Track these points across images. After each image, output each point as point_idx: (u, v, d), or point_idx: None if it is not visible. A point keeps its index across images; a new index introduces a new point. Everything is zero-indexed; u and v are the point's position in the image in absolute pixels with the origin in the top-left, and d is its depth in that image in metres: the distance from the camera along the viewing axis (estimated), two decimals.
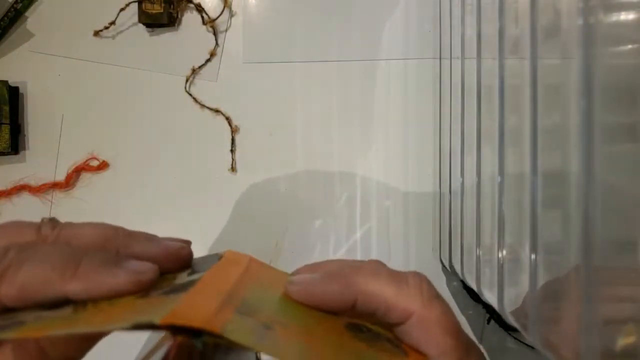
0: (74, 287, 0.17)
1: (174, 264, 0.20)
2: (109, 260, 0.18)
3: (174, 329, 0.15)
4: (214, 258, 0.22)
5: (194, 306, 0.16)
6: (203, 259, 0.22)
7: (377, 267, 0.21)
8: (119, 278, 0.17)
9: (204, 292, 0.17)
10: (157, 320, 0.15)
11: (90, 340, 0.18)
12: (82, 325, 0.16)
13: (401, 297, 0.20)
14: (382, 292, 0.20)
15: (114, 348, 0.18)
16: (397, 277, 0.21)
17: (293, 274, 0.22)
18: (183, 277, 0.19)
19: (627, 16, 0.19)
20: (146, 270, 0.18)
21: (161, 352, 0.15)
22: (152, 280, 0.18)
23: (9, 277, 0.17)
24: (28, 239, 0.19)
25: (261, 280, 0.21)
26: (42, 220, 0.20)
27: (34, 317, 0.16)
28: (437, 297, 0.21)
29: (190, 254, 0.21)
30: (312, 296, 0.20)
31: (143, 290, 0.18)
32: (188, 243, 0.21)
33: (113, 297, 0.17)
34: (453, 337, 0.20)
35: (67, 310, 0.17)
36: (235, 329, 0.16)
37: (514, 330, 0.45)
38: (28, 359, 0.18)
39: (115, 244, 0.19)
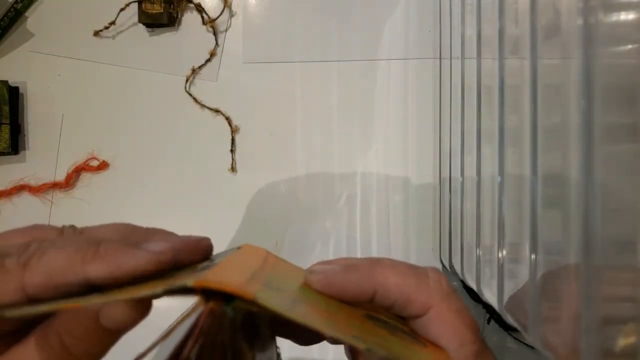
0: (96, 268, 0.17)
1: (193, 254, 0.20)
2: (129, 243, 0.18)
3: (207, 294, 0.15)
4: (233, 250, 0.22)
5: (225, 275, 0.16)
6: (222, 252, 0.22)
7: (396, 261, 0.22)
8: (139, 258, 0.17)
9: (230, 268, 0.18)
10: (191, 282, 0.15)
11: (114, 335, 0.18)
12: (115, 296, 0.16)
13: (421, 290, 0.20)
14: (401, 284, 0.20)
15: (131, 346, 0.18)
16: (417, 271, 0.21)
17: (309, 268, 0.22)
18: (205, 264, 0.20)
19: (627, 16, 0.19)
20: (165, 250, 0.18)
21: (192, 319, 0.16)
22: (172, 259, 0.18)
23: (33, 264, 0.17)
24: (51, 237, 0.19)
25: (279, 270, 0.21)
26: (64, 226, 0.20)
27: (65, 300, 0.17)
28: (455, 292, 0.21)
29: (211, 245, 0.21)
30: (332, 285, 0.20)
31: (163, 268, 0.18)
32: (207, 238, 0.21)
33: (134, 277, 0.17)
34: (471, 332, 0.20)
35: (94, 296, 0.17)
36: (266, 297, 0.16)
37: (514, 330, 0.45)
38: (51, 354, 0.18)
39: (134, 238, 0.20)
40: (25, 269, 0.17)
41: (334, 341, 0.19)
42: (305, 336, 0.23)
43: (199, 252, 0.20)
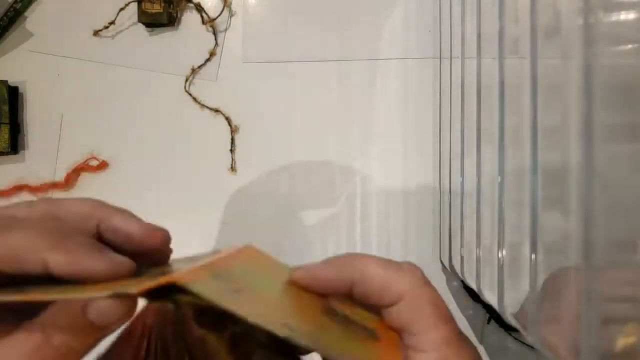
0: (59, 259, 0.18)
1: (149, 242, 0.21)
2: (95, 246, 0.19)
3: (150, 297, 0.16)
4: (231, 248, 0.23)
5: (167, 275, 0.17)
6: (203, 255, 0.23)
7: (374, 255, 0.23)
8: (100, 262, 0.18)
9: (181, 267, 0.19)
10: (134, 290, 0.16)
11: (99, 331, 0.18)
12: (73, 293, 0.17)
13: (396, 279, 0.21)
14: (379, 274, 0.21)
15: None
16: (392, 262, 0.22)
17: (294, 267, 0.23)
18: (166, 268, 0.20)
19: (627, 16, 0.19)
20: (124, 262, 0.19)
21: (140, 321, 0.17)
22: (128, 272, 0.19)
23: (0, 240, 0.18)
24: (22, 213, 0.20)
25: (254, 262, 0.22)
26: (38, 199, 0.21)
27: (33, 289, 0.17)
28: (430, 284, 0.22)
29: (168, 237, 0.22)
30: (315, 278, 0.22)
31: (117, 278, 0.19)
32: (164, 231, 0.22)
33: (89, 278, 0.18)
34: (443, 320, 0.21)
35: (58, 287, 0.18)
36: (201, 286, 0.17)
37: (514, 330, 0.45)
38: (34, 347, 0.18)
39: (99, 215, 0.21)
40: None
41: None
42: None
43: (155, 240, 0.22)
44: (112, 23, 0.51)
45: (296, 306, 0.21)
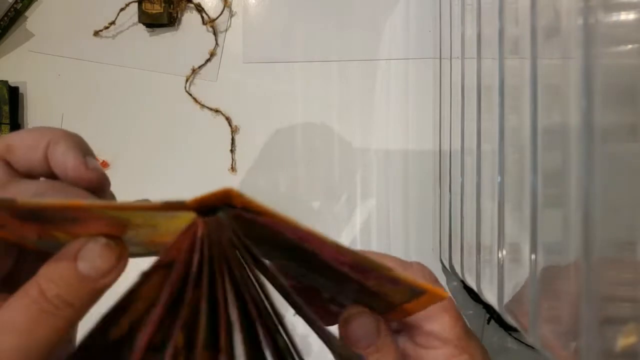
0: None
1: (81, 181, 0.21)
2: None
3: (199, 212, 0.17)
4: None
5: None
6: None
7: (385, 253, 0.24)
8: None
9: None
10: (188, 202, 0.16)
11: (92, 284, 0.18)
12: (114, 207, 0.17)
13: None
14: None
15: None
16: (403, 261, 0.23)
17: None
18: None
19: (627, 16, 0.19)
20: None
21: (189, 235, 0.17)
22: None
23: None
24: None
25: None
26: None
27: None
28: (437, 281, 0.23)
29: (102, 179, 0.22)
30: None
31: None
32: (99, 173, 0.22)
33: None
34: (451, 314, 0.22)
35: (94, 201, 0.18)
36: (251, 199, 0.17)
37: (514, 330, 0.45)
38: (30, 301, 0.18)
39: (43, 145, 0.21)
40: None
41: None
42: None
43: (88, 183, 0.22)
44: (112, 23, 0.51)
45: None
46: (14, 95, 0.51)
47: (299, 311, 0.18)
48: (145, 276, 0.16)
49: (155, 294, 0.16)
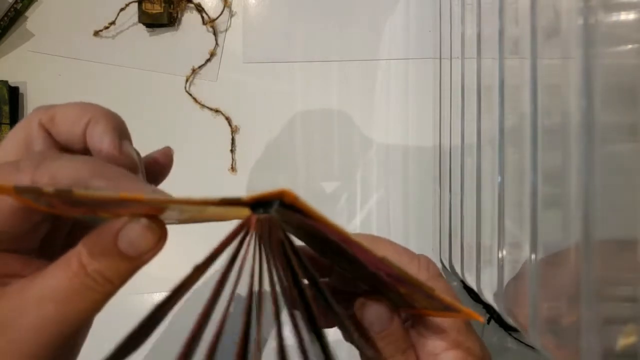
0: (102, 184, 0.18)
1: (115, 161, 0.22)
2: (128, 174, 0.20)
3: (253, 207, 0.17)
4: None
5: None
6: None
7: (394, 241, 0.24)
8: (138, 187, 0.19)
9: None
10: (245, 198, 0.17)
11: (131, 261, 0.19)
12: (177, 201, 0.18)
13: (411, 268, 0.23)
14: (396, 259, 0.22)
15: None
16: (409, 252, 0.24)
17: None
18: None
19: (627, 16, 0.19)
20: (157, 190, 0.20)
21: (242, 232, 0.17)
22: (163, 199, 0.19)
23: (43, 167, 0.18)
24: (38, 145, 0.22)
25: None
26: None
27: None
28: (442, 276, 0.23)
29: (134, 164, 0.23)
30: None
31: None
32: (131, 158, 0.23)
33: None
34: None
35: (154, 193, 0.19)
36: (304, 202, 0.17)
37: (514, 330, 0.45)
38: (70, 273, 0.18)
39: (84, 121, 0.22)
40: (35, 170, 0.18)
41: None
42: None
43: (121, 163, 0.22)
44: (112, 23, 0.51)
45: None
46: (14, 95, 0.51)
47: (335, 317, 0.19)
48: (197, 269, 0.17)
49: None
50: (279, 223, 0.17)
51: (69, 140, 0.21)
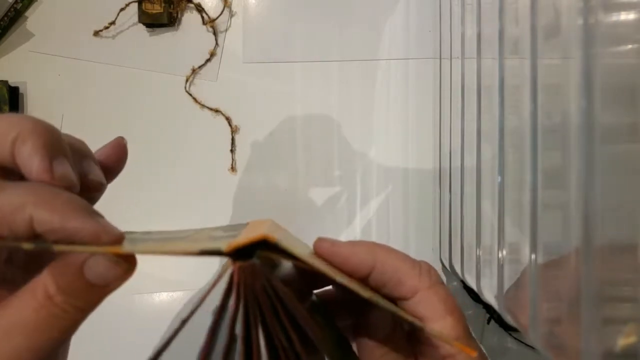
0: (44, 216, 0.17)
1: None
2: (84, 206, 0.18)
3: (234, 257, 0.17)
4: (241, 225, 0.24)
5: (248, 236, 0.18)
6: (231, 226, 0.24)
7: (394, 248, 0.24)
8: (86, 224, 0.18)
9: (251, 231, 0.19)
10: (224, 247, 0.17)
11: (98, 290, 0.18)
12: (150, 247, 0.18)
13: (412, 274, 0.22)
14: (397, 266, 0.22)
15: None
16: (411, 259, 0.23)
17: (318, 237, 0.24)
18: (224, 233, 0.21)
19: (627, 16, 0.19)
20: (113, 229, 0.19)
21: (225, 277, 0.17)
22: (115, 239, 0.18)
23: None
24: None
25: (288, 234, 0.23)
26: None
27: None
28: (443, 283, 0.23)
29: (70, 182, 0.20)
30: (338, 254, 0.22)
31: (105, 241, 0.18)
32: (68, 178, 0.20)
33: (73, 239, 0.17)
34: (454, 319, 0.22)
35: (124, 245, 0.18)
36: (287, 244, 0.18)
37: (514, 330, 0.45)
38: (37, 304, 0.18)
39: (11, 138, 0.19)
40: None
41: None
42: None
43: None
44: (112, 23, 0.51)
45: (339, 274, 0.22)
46: (14, 95, 0.50)
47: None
48: (183, 322, 0.17)
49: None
50: (261, 270, 0.17)
51: (3, 160, 0.19)
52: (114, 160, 0.25)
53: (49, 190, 0.18)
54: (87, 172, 0.21)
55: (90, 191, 0.21)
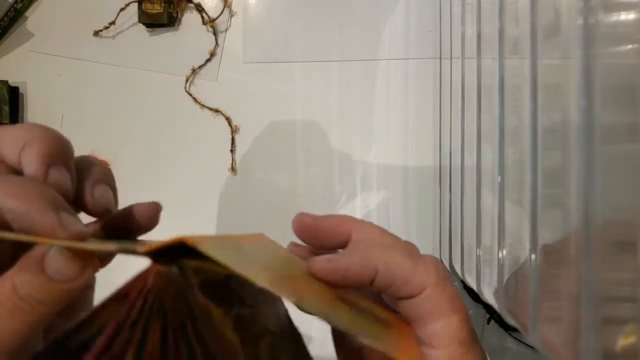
0: (12, 204, 0.18)
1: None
2: (55, 202, 0.18)
3: (155, 258, 0.17)
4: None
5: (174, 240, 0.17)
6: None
7: (393, 242, 0.23)
8: (47, 219, 0.18)
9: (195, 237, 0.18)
10: (141, 249, 0.16)
11: (61, 286, 0.18)
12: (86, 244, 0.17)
13: (418, 271, 0.21)
14: (402, 265, 0.21)
15: None
16: (416, 254, 0.22)
17: (310, 258, 0.22)
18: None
19: (627, 16, 0.19)
20: (77, 227, 0.19)
21: (141, 281, 0.17)
22: (76, 237, 0.19)
23: None
24: None
25: (265, 245, 0.22)
26: None
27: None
28: (449, 279, 0.22)
29: (66, 189, 0.21)
30: (337, 271, 0.21)
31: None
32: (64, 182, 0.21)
33: (33, 232, 0.18)
34: (459, 318, 0.21)
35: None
36: (211, 248, 0.17)
37: (514, 330, 0.45)
38: (4, 297, 0.18)
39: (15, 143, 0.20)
40: None
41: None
42: None
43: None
44: (112, 23, 0.51)
45: (307, 284, 0.20)
46: (14, 95, 0.51)
47: None
48: (102, 305, 0.17)
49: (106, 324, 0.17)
50: (178, 279, 0.17)
51: (15, 164, 0.20)
52: (145, 218, 0.25)
53: (26, 181, 0.19)
54: (96, 193, 0.22)
55: (94, 213, 0.22)
